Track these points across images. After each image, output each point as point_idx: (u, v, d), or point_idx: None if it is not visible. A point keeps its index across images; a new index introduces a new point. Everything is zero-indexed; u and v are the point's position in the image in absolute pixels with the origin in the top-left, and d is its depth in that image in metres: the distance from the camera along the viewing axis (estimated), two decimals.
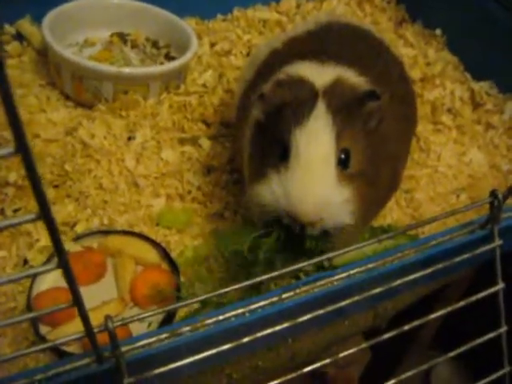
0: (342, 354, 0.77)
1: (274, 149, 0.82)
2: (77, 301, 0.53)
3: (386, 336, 0.77)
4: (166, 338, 0.67)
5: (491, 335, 0.82)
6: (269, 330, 0.69)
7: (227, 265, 0.99)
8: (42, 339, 0.85)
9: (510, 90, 1.41)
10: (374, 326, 1.14)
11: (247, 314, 0.70)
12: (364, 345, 0.79)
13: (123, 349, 0.63)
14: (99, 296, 0.93)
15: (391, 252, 0.79)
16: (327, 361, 0.76)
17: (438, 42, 1.58)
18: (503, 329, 0.83)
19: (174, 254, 1.00)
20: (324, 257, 0.72)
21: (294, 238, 0.82)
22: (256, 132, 0.89)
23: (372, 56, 1.00)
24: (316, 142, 0.79)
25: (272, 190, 0.80)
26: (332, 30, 1.04)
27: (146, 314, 0.63)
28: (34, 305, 0.89)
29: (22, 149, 0.36)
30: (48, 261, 0.95)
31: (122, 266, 0.96)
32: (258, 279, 0.69)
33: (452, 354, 0.83)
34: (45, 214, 0.42)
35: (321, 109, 0.80)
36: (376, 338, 0.78)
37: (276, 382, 0.73)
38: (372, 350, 1.84)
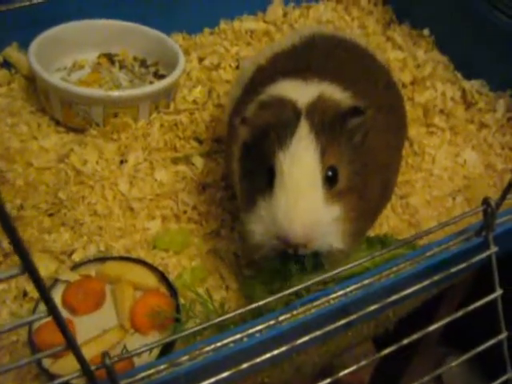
0: (348, 370, 0.76)
1: (261, 173, 0.82)
2: (70, 345, 0.53)
3: (391, 349, 0.77)
4: (164, 368, 0.67)
5: (492, 342, 0.82)
6: (268, 355, 0.69)
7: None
8: (45, 372, 0.85)
9: (500, 88, 1.41)
10: (377, 333, 1.14)
11: (245, 339, 0.70)
12: (366, 361, 0.79)
13: (123, 382, 0.63)
14: (100, 324, 0.93)
15: (386, 266, 0.79)
16: (336, 376, 0.76)
17: (427, 43, 1.58)
18: (503, 335, 0.82)
19: (172, 277, 1.00)
20: (327, 275, 0.72)
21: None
22: (244, 153, 0.89)
23: (356, 68, 0.99)
24: (300, 162, 0.78)
25: (261, 218, 0.80)
26: (315, 44, 1.03)
27: (143, 348, 0.63)
28: (35, 338, 0.89)
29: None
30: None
31: (120, 293, 0.96)
32: (260, 303, 0.69)
33: (463, 358, 0.83)
34: (28, 268, 0.42)
35: (304, 128, 0.79)
36: (384, 342, 0.78)
37: None
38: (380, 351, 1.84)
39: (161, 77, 1.39)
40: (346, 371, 0.76)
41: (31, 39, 1.29)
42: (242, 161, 0.89)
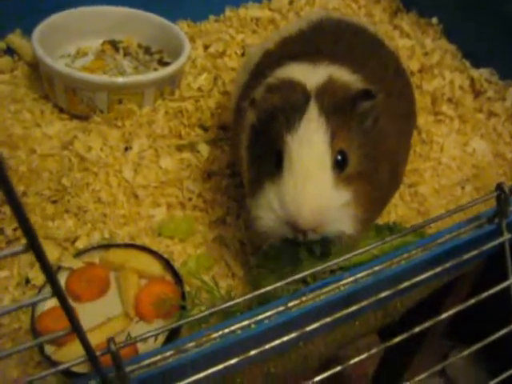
0: (354, 360, 0.75)
1: (269, 156, 0.80)
2: (75, 328, 0.51)
3: (400, 338, 0.76)
4: (171, 355, 0.65)
5: (504, 331, 0.80)
6: (276, 341, 0.68)
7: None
8: (48, 359, 0.84)
9: (510, 77, 1.39)
10: (384, 324, 1.12)
11: (253, 326, 0.69)
12: (377, 348, 0.77)
13: (128, 369, 0.62)
14: (104, 311, 0.92)
15: (397, 253, 0.77)
16: (345, 365, 0.75)
17: (435, 31, 1.55)
18: None
19: (177, 264, 0.99)
20: (333, 262, 0.70)
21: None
22: (252, 138, 0.87)
23: (366, 52, 0.97)
24: (309, 145, 0.76)
25: (269, 203, 0.78)
26: (324, 27, 1.01)
27: (149, 334, 0.61)
28: (37, 325, 0.87)
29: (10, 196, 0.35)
30: (45, 285, 0.93)
31: (125, 280, 0.94)
32: (267, 288, 0.67)
33: (471, 349, 0.81)
34: (33, 246, 0.41)
35: (313, 111, 0.78)
36: (389, 334, 0.77)
37: None
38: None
39: (165, 64, 1.38)
40: (352, 361, 0.75)
41: (34, 26, 1.28)
42: (250, 145, 0.88)
